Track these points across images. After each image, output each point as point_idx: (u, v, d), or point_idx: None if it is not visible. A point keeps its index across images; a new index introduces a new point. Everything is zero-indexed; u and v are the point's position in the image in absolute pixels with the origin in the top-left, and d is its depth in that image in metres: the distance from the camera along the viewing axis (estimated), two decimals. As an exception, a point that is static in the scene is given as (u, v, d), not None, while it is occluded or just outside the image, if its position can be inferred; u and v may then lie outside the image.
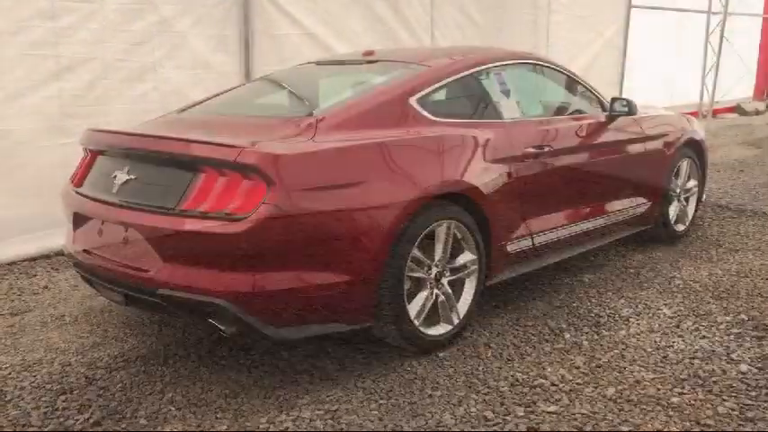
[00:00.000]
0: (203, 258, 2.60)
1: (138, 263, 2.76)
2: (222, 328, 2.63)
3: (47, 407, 2.66)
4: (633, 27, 9.94)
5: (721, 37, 11.87)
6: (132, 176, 2.87)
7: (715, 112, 12.41)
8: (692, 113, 8.35)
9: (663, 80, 11.06)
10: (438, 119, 3.24)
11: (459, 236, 3.17)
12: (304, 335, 2.76)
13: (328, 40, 6.19)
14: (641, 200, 4.47)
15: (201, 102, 3.73)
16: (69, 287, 4.16)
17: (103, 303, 3.82)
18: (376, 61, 3.68)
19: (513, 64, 3.83)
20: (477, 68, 3.56)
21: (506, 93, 3.66)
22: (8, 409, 2.65)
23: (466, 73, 3.49)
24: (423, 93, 3.24)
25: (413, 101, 3.19)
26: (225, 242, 2.54)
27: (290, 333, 2.71)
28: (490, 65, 3.65)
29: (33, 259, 4.63)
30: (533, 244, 3.61)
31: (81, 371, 2.95)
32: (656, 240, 4.86)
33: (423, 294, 3.05)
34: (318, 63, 3.99)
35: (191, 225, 2.59)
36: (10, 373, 2.95)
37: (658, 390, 2.76)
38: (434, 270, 3.10)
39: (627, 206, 4.32)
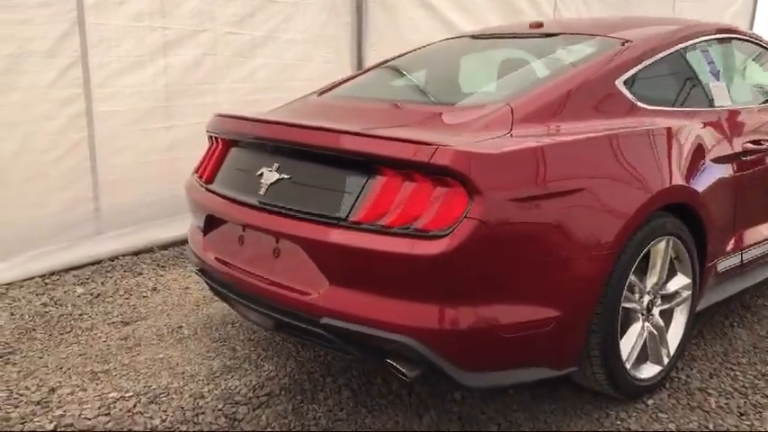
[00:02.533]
0: (384, 283, 2.06)
1: (295, 283, 2.23)
2: (403, 370, 2.08)
3: (187, 457, 2.19)
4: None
5: None
6: (285, 176, 2.34)
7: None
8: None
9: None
10: (648, 106, 2.60)
11: (672, 255, 2.54)
12: (501, 383, 2.20)
13: (447, 13, 5.57)
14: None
15: (343, 82, 3.17)
16: (180, 289, 3.72)
17: (223, 312, 3.35)
18: (554, 34, 3.04)
19: (718, 39, 3.13)
20: (685, 44, 2.88)
21: (715, 74, 2.98)
22: (141, 458, 2.19)
23: (673, 49, 2.82)
24: (630, 73, 2.60)
25: (619, 83, 2.55)
26: (414, 266, 1.98)
27: (486, 380, 2.14)
28: (697, 39, 2.96)
29: (136, 254, 4.22)
30: (742, 260, 2.95)
31: (218, 407, 2.47)
32: None
33: (635, 329, 2.45)
34: (475, 37, 3.36)
35: (369, 242, 2.04)
36: (135, 405, 2.49)
37: None
38: (646, 298, 2.49)
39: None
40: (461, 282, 2.00)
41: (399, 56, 3.32)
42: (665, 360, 2.57)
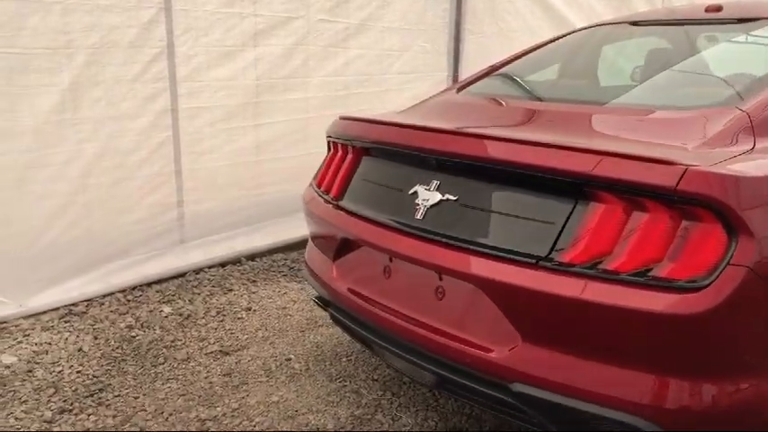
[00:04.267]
0: (603, 345, 1.59)
1: (471, 334, 1.78)
2: (623, 456, 1.60)
3: None
4: None
5: None
6: (449, 197, 1.88)
7: None
8: None
9: None
10: None
11: None
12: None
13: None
14: None
15: (482, 76, 2.68)
16: (277, 310, 3.30)
17: (332, 341, 2.92)
18: (750, 19, 2.49)
19: None
20: None
21: None
22: None
23: None
24: None
25: None
26: (654, 326, 1.51)
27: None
28: None
29: (222, 265, 3.82)
30: None
31: (361, 477, 2.04)
32: None
33: None
34: (635, 23, 2.83)
35: (586, 291, 1.56)
36: (260, 471, 2.07)
37: None
38: None
39: None
40: (718, 347, 1.51)
41: (546, 43, 2.81)
42: None
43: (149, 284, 3.54)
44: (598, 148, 1.63)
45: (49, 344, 2.93)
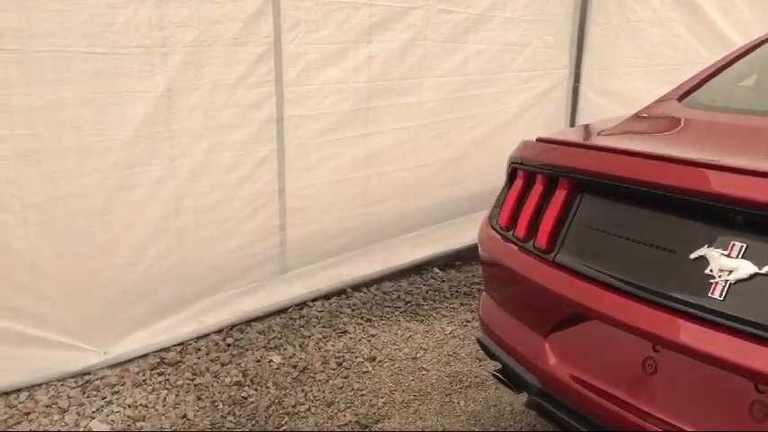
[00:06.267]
0: None
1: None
2: None
3: None
4: None
5: None
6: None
7: None
8: None
9: None
10: None
11: None
12: None
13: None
14: None
15: (704, 80, 2.07)
16: (407, 360, 2.76)
17: (490, 408, 2.37)
18: None
19: None
20: None
21: None
22: None
23: None
24: None
25: None
26: None
27: None
28: None
29: (326, 297, 3.29)
30: None
31: None
32: None
33: None
34: None
35: None
36: None
37: None
38: None
39: None
40: None
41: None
42: None
43: (248, 323, 3.03)
44: None
45: (146, 406, 2.42)
